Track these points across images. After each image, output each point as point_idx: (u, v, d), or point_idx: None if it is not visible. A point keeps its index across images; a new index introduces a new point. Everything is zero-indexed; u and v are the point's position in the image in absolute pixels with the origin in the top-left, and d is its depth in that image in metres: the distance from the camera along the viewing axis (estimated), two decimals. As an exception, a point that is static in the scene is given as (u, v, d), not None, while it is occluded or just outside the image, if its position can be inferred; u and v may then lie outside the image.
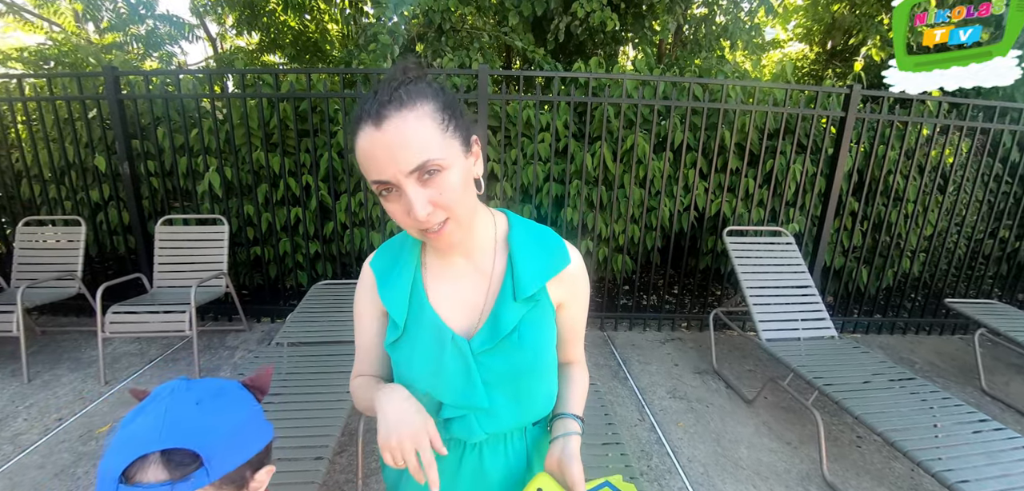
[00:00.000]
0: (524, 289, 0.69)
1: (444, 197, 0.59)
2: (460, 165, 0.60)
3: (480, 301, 0.72)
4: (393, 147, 0.55)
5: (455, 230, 0.63)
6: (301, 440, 1.56)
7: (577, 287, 0.76)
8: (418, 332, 0.71)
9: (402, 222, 0.61)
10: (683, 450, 2.12)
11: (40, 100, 3.16)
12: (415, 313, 0.71)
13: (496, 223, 0.75)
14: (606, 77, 3.03)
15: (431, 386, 0.70)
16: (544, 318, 0.72)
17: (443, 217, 0.60)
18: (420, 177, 0.57)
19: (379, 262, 0.76)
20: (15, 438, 2.08)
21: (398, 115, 0.55)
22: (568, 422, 0.75)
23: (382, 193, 0.59)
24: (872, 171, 3.35)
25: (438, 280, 0.73)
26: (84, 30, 6.06)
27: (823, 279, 3.47)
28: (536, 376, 0.73)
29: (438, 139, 0.57)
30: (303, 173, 3.22)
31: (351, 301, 2.52)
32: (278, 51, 6.21)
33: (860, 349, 2.45)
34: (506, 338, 0.69)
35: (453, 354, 0.69)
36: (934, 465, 1.59)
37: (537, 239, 0.74)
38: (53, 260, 3.08)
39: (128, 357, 2.82)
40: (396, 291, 0.72)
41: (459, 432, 0.73)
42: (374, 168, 0.57)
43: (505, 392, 0.72)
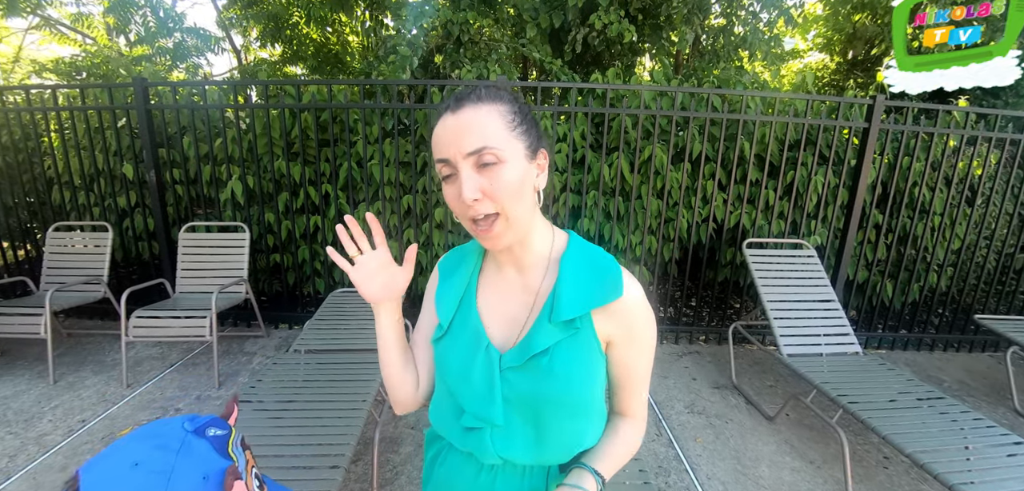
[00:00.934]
0: (561, 312, 0.66)
1: (495, 189, 0.61)
2: (520, 166, 0.63)
3: (523, 317, 0.71)
4: (459, 129, 0.61)
5: (505, 229, 0.64)
6: (317, 448, 1.57)
7: (633, 326, 0.69)
8: (461, 334, 0.73)
9: (455, 208, 0.64)
10: (702, 467, 2.08)
11: (73, 109, 3.27)
12: (462, 316, 0.74)
13: (554, 240, 0.74)
14: (624, 88, 3.03)
15: (457, 388, 0.71)
16: (583, 350, 0.67)
17: (492, 209, 0.62)
18: (476, 162, 0.61)
19: (446, 263, 0.81)
20: (40, 438, 2.13)
21: (472, 106, 0.62)
22: (584, 475, 0.69)
23: (444, 176, 0.64)
24: (897, 183, 3.27)
25: (489, 290, 0.75)
26: (115, 43, 6.28)
27: (846, 293, 3.38)
28: (562, 410, 0.68)
29: (502, 134, 0.62)
30: (322, 182, 3.26)
31: (366, 309, 2.55)
32: (300, 62, 6.35)
33: (886, 366, 2.38)
34: (534, 359, 0.67)
35: (483, 362, 0.69)
36: (965, 489, 1.53)
37: (591, 263, 0.70)
38: (81, 264, 3.17)
39: (150, 361, 2.88)
40: (449, 293, 0.76)
41: (474, 447, 0.71)
42: (440, 147, 0.63)
43: (524, 416, 0.69)
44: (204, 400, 2.46)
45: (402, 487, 1.90)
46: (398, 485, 1.91)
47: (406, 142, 3.24)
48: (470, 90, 0.64)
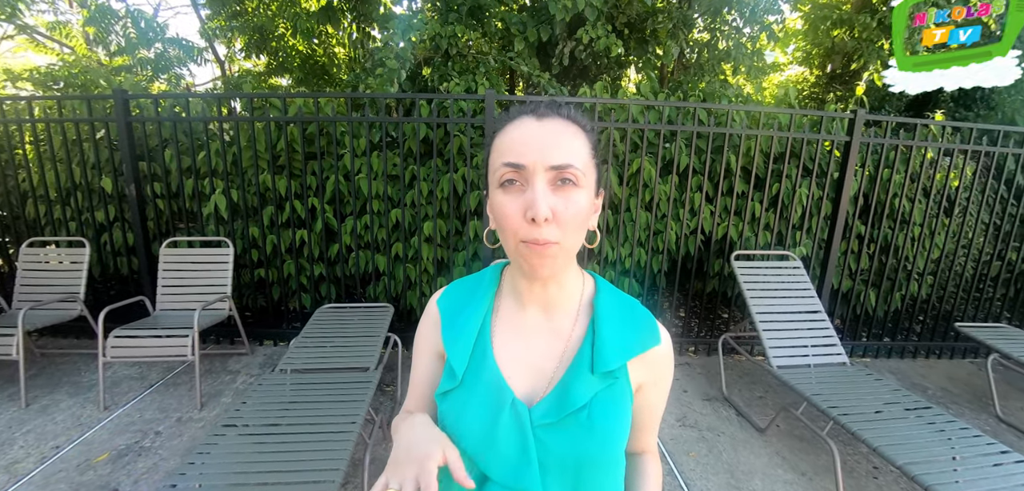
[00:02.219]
0: (605, 362, 0.61)
1: (568, 212, 0.55)
2: (590, 198, 0.59)
3: (551, 366, 0.64)
4: (546, 138, 0.56)
5: (558, 257, 0.57)
6: (305, 474, 1.52)
7: (662, 370, 0.67)
8: (475, 386, 0.63)
9: (510, 223, 0.56)
10: (696, 482, 2.07)
11: (49, 121, 3.18)
12: (476, 364, 0.64)
13: (584, 284, 0.69)
14: (612, 102, 3.05)
15: (478, 453, 0.61)
16: (621, 400, 0.62)
17: (555, 237, 0.56)
18: (555, 179, 0.56)
19: (448, 301, 0.71)
20: (11, 466, 2.03)
21: (562, 119, 0.58)
22: None
23: (505, 182, 0.57)
24: (878, 194, 3.34)
25: (508, 332, 0.66)
26: (95, 53, 6.15)
27: (831, 302, 3.43)
28: (603, 469, 0.62)
29: (585, 159, 0.58)
30: (309, 195, 3.22)
31: (355, 325, 2.50)
32: (286, 74, 6.29)
33: (873, 376, 2.41)
34: (574, 415, 0.60)
35: (510, 421, 0.60)
36: (957, 500, 1.55)
37: (626, 310, 0.66)
38: (56, 281, 3.06)
39: (129, 381, 2.78)
40: (461, 337, 0.66)
41: None
42: (517, 150, 0.56)
43: (562, 482, 0.61)
44: (185, 422, 2.38)
45: (393, 510, 1.85)
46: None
47: (394, 155, 3.22)
48: (557, 103, 0.60)
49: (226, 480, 1.47)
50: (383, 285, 3.38)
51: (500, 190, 0.57)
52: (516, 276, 0.66)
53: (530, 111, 0.58)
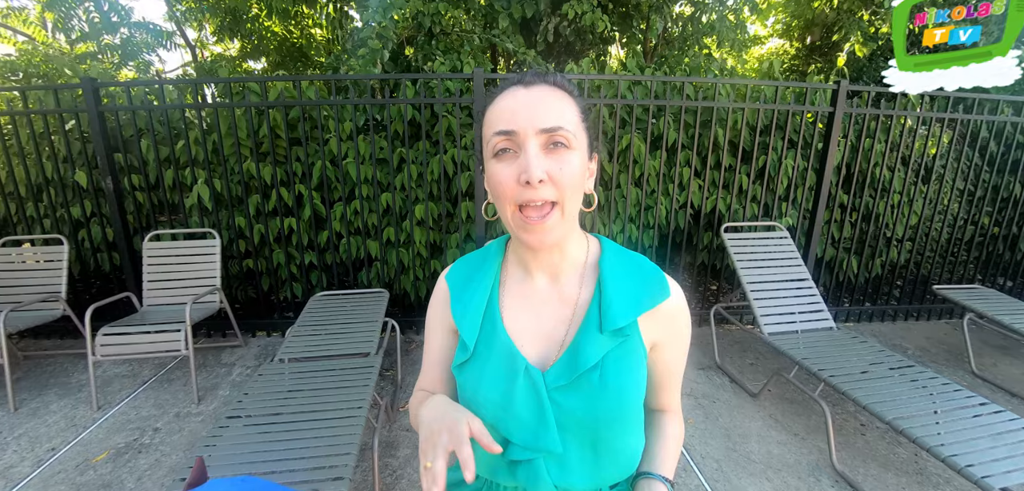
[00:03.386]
0: (613, 320, 0.61)
1: (562, 174, 0.57)
2: (583, 160, 0.60)
3: (561, 331, 0.65)
4: (534, 103, 0.57)
5: (558, 223, 0.59)
6: (315, 461, 1.52)
7: (676, 326, 0.67)
8: (488, 356, 0.64)
9: (506, 190, 0.58)
10: (696, 447, 2.14)
11: (13, 113, 3.03)
12: (487, 335, 0.66)
13: (589, 247, 0.70)
14: (600, 78, 3.04)
15: (498, 419, 0.63)
16: (633, 358, 0.63)
17: (553, 197, 0.57)
18: (547, 143, 0.57)
19: (455, 275, 0.72)
20: (6, 471, 1.98)
21: (548, 86, 0.59)
22: (654, 485, 0.64)
23: (499, 151, 0.58)
24: (859, 164, 3.43)
25: (516, 301, 0.68)
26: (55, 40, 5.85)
27: (815, 270, 3.54)
28: (619, 426, 0.63)
29: (575, 121, 0.59)
30: (295, 182, 3.15)
31: (350, 311, 2.49)
32: (262, 57, 6.09)
33: (858, 339, 2.50)
34: (585, 375, 0.61)
35: (525, 387, 0.62)
36: (941, 450, 1.63)
37: (633, 267, 0.67)
38: (34, 281, 2.96)
39: (120, 379, 2.72)
40: (470, 309, 0.67)
41: (525, 480, 0.64)
42: (506, 118, 0.57)
43: (581, 440, 0.63)
44: (184, 417, 2.35)
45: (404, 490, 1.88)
46: (400, 489, 1.89)
47: (381, 138, 3.17)
48: (545, 72, 0.61)
49: (238, 470, 1.46)
50: (376, 271, 3.35)
51: (494, 160, 0.59)
52: (520, 246, 0.67)
53: (517, 81, 0.60)
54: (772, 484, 1.91)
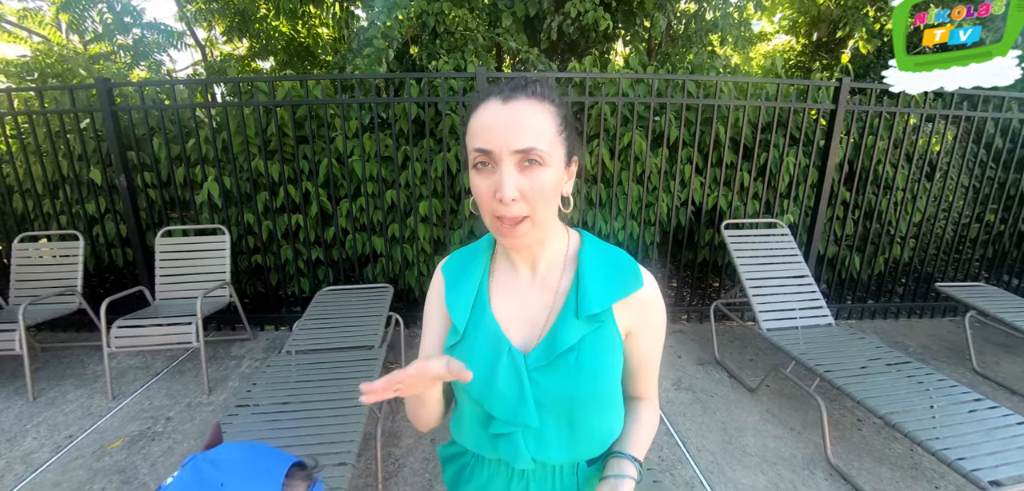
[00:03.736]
0: (588, 306, 0.66)
1: (533, 191, 0.60)
2: (558, 171, 0.62)
3: (542, 317, 0.70)
4: (510, 123, 0.58)
5: (529, 231, 0.63)
6: (320, 448, 1.58)
7: (649, 315, 0.71)
8: (476, 339, 0.70)
9: (483, 202, 0.62)
10: (692, 440, 2.17)
11: (31, 113, 3.12)
12: (476, 320, 0.71)
13: (569, 240, 0.74)
14: (602, 76, 3.07)
15: (483, 396, 0.68)
16: (607, 343, 0.68)
17: (524, 213, 0.61)
18: (521, 161, 0.59)
19: (450, 267, 0.77)
20: (27, 457, 2.07)
21: (526, 100, 0.60)
22: (624, 463, 0.70)
23: (478, 165, 0.61)
24: (862, 161, 3.43)
25: (503, 290, 0.73)
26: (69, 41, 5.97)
27: (817, 268, 3.55)
28: (593, 406, 0.68)
29: (550, 137, 0.60)
30: (302, 179, 3.22)
31: (355, 307, 2.55)
32: (270, 56, 6.17)
33: (857, 335, 2.52)
34: (562, 356, 0.66)
35: (507, 366, 0.67)
36: (933, 444, 1.66)
37: (609, 259, 0.72)
38: (51, 276, 3.05)
39: (133, 371, 2.81)
40: (461, 296, 0.73)
41: (506, 452, 0.70)
42: (483, 136, 0.59)
43: (557, 416, 0.68)
44: (195, 407, 2.42)
45: (406, 479, 1.94)
46: (401, 477, 1.95)
47: (386, 136, 3.22)
48: (524, 81, 0.62)
49: (245, 457, 1.52)
50: (381, 266, 3.42)
51: (474, 171, 0.62)
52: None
53: (497, 93, 0.61)
54: (767, 476, 1.94)
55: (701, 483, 1.91)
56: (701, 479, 1.93)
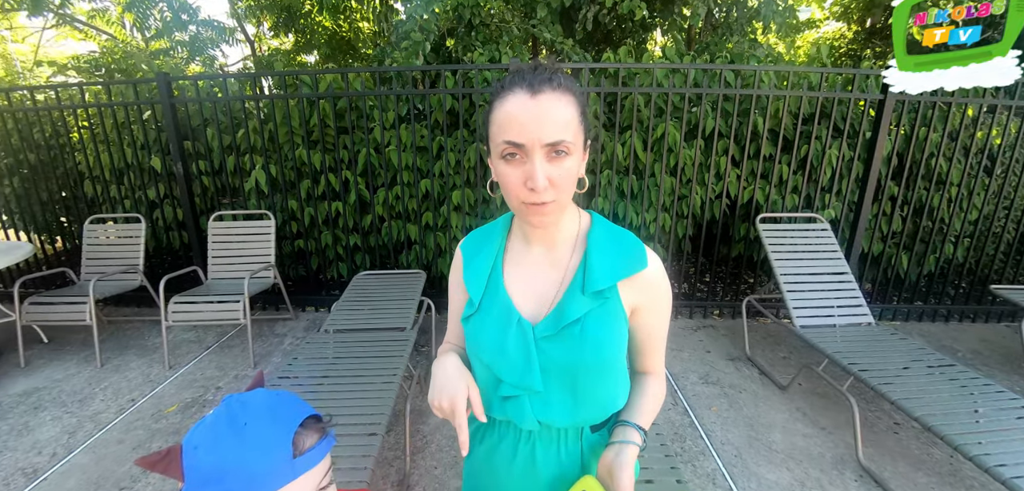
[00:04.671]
0: (593, 283, 0.71)
1: (561, 179, 0.64)
2: (578, 157, 0.67)
3: (552, 292, 0.75)
4: (541, 117, 0.62)
5: (555, 211, 0.68)
6: (354, 418, 1.69)
7: (654, 294, 0.75)
8: (490, 310, 0.76)
9: (513, 189, 0.65)
10: (716, 433, 2.16)
11: (99, 105, 3.39)
12: (490, 293, 0.77)
13: (581, 221, 0.79)
14: (636, 66, 3.05)
15: (493, 362, 0.74)
16: (611, 318, 0.72)
17: (552, 198, 0.65)
18: (550, 153, 0.63)
19: (468, 245, 0.83)
20: (95, 416, 2.29)
21: (553, 93, 0.63)
22: (628, 430, 0.74)
23: (507, 155, 0.64)
24: (913, 154, 3.26)
25: (516, 267, 0.79)
26: (133, 38, 6.40)
27: (860, 266, 3.40)
28: (595, 375, 0.73)
29: (575, 127, 0.65)
30: (342, 168, 3.36)
31: (389, 291, 2.67)
32: (314, 51, 6.42)
33: (898, 336, 2.42)
34: (568, 328, 0.70)
35: (517, 335, 0.72)
36: (972, 448, 1.59)
37: (616, 239, 0.76)
38: (117, 255, 3.33)
39: (188, 344, 3.04)
40: (477, 272, 0.79)
41: (513, 414, 0.75)
42: (514, 130, 0.62)
43: (561, 383, 0.73)
44: (242, 379, 2.61)
45: (432, 454, 2.03)
46: (429, 453, 2.04)
47: (421, 127, 3.32)
48: (545, 72, 0.64)
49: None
50: (415, 253, 3.53)
51: (502, 161, 0.65)
52: (522, 222, 0.78)
53: (522, 84, 0.63)
54: (792, 474, 1.91)
55: (723, 476, 1.91)
56: (723, 472, 1.93)
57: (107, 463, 1.98)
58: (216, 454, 0.55)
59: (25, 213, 3.82)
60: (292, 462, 0.57)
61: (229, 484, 0.54)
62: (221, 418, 0.58)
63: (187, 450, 0.56)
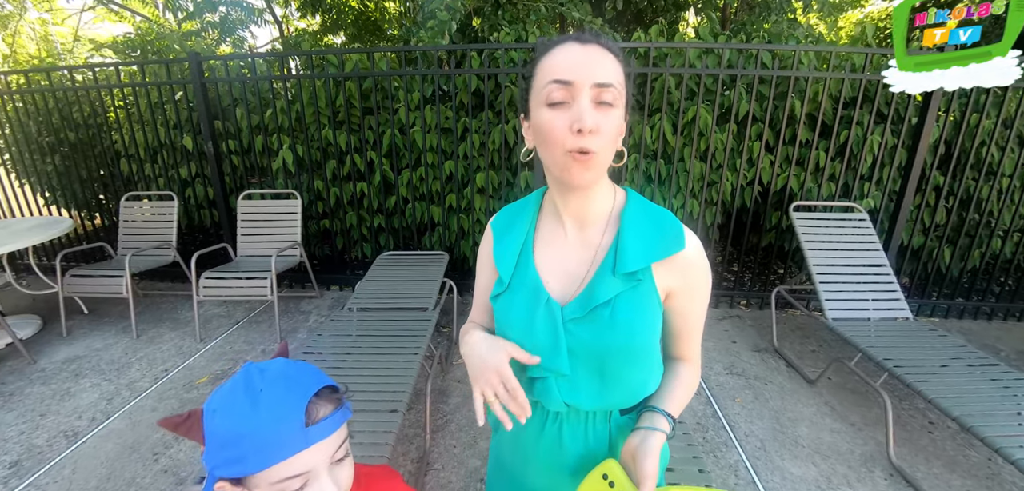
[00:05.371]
0: (625, 264, 0.68)
1: (605, 128, 0.62)
2: (621, 115, 0.65)
3: (582, 271, 0.72)
4: (591, 59, 0.62)
5: (596, 166, 0.64)
6: (376, 395, 1.71)
7: (691, 278, 0.71)
8: (519, 289, 0.74)
9: (557, 136, 0.63)
10: (740, 425, 2.12)
11: (134, 85, 3.49)
12: (520, 272, 0.75)
13: (615, 198, 0.75)
14: (667, 46, 2.95)
15: (521, 341, 0.72)
16: (644, 301, 0.69)
17: (597, 145, 0.63)
18: (597, 96, 0.62)
19: (499, 222, 0.82)
20: (132, 384, 2.40)
21: (601, 47, 0.63)
22: (657, 417, 0.71)
23: (553, 102, 0.63)
24: (962, 142, 3.07)
25: (546, 246, 0.76)
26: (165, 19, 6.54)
27: (899, 259, 3.25)
28: (625, 359, 0.70)
29: (621, 81, 0.65)
30: (367, 149, 3.38)
31: (412, 272, 2.69)
32: (340, 31, 6.44)
33: (937, 332, 2.31)
34: (597, 311, 0.68)
35: (545, 316, 0.71)
36: (1015, 452, 1.51)
37: (652, 218, 0.72)
38: (151, 231, 3.44)
39: (218, 319, 3.13)
40: (507, 250, 0.77)
41: (540, 395, 0.74)
42: (562, 68, 0.62)
43: (589, 367, 0.71)
44: (269, 353, 2.68)
45: (452, 434, 2.05)
46: (449, 431, 2.06)
47: (446, 108, 3.30)
48: (596, 35, 0.65)
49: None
50: (438, 235, 3.54)
51: (547, 108, 0.63)
52: (554, 193, 0.75)
53: (573, 38, 0.64)
54: (818, 469, 1.86)
55: (746, 468, 1.87)
56: (746, 464, 1.88)
57: (142, 429, 2.07)
58: (232, 419, 0.56)
59: (66, 190, 3.99)
60: (304, 431, 0.57)
61: (243, 448, 0.55)
62: (238, 384, 0.59)
63: (207, 414, 0.58)
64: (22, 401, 2.26)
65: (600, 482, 0.66)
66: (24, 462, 1.89)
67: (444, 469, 1.86)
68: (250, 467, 0.55)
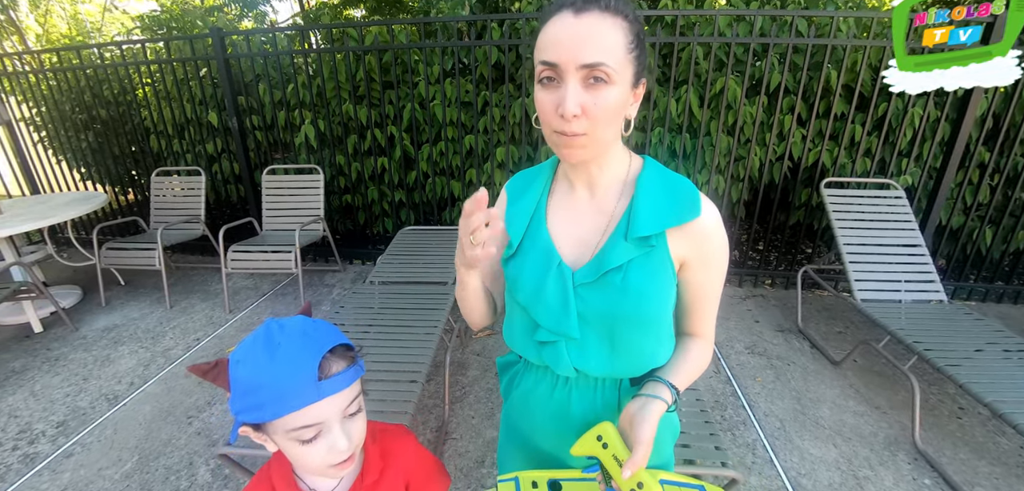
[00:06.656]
0: (638, 229, 0.66)
1: (596, 109, 0.59)
2: (623, 92, 0.61)
3: (595, 237, 0.71)
4: (580, 37, 0.58)
5: (588, 146, 0.63)
6: (396, 366, 1.74)
7: (707, 248, 0.69)
8: (531, 251, 0.74)
9: (546, 117, 0.62)
10: (760, 405, 2.09)
11: (160, 62, 3.55)
12: (532, 235, 0.75)
13: (631, 165, 0.74)
14: (695, 14, 2.84)
15: (530, 305, 0.72)
16: (657, 269, 0.67)
17: (583, 129, 0.61)
18: (586, 77, 0.59)
19: (514, 185, 0.81)
20: (166, 352, 2.51)
21: (599, 14, 0.58)
22: (659, 386, 0.69)
23: (543, 79, 0.61)
24: (1013, 116, 2.88)
25: (560, 211, 0.76)
26: (190, -5, 6.60)
27: (936, 240, 3.11)
28: (635, 326, 0.69)
29: (620, 55, 0.59)
30: (387, 123, 3.38)
31: (433, 245, 2.70)
32: (360, 4, 6.40)
33: (973, 316, 2.22)
34: (608, 276, 0.67)
35: (556, 279, 0.70)
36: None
37: (667, 184, 0.70)
38: (180, 205, 3.55)
39: (245, 291, 3.23)
40: (519, 213, 0.77)
41: (549, 359, 0.73)
42: (552, 49, 0.59)
43: (598, 332, 0.70)
44: (293, 325, 2.76)
45: (470, 405, 2.08)
46: (467, 403, 2.10)
47: (466, 82, 3.26)
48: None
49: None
50: (458, 210, 3.55)
51: (539, 86, 0.62)
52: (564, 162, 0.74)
53: (569, 5, 0.59)
54: (839, 450, 1.83)
55: (764, 447, 1.85)
56: (764, 443, 1.87)
57: (176, 394, 2.17)
58: (252, 368, 0.60)
59: (100, 166, 4.13)
60: (317, 384, 0.60)
61: (261, 397, 0.59)
62: (260, 337, 0.62)
63: (231, 363, 0.62)
64: (66, 366, 2.39)
65: (595, 443, 0.66)
66: (70, 422, 2.00)
67: (462, 439, 1.90)
68: (267, 415, 0.59)
